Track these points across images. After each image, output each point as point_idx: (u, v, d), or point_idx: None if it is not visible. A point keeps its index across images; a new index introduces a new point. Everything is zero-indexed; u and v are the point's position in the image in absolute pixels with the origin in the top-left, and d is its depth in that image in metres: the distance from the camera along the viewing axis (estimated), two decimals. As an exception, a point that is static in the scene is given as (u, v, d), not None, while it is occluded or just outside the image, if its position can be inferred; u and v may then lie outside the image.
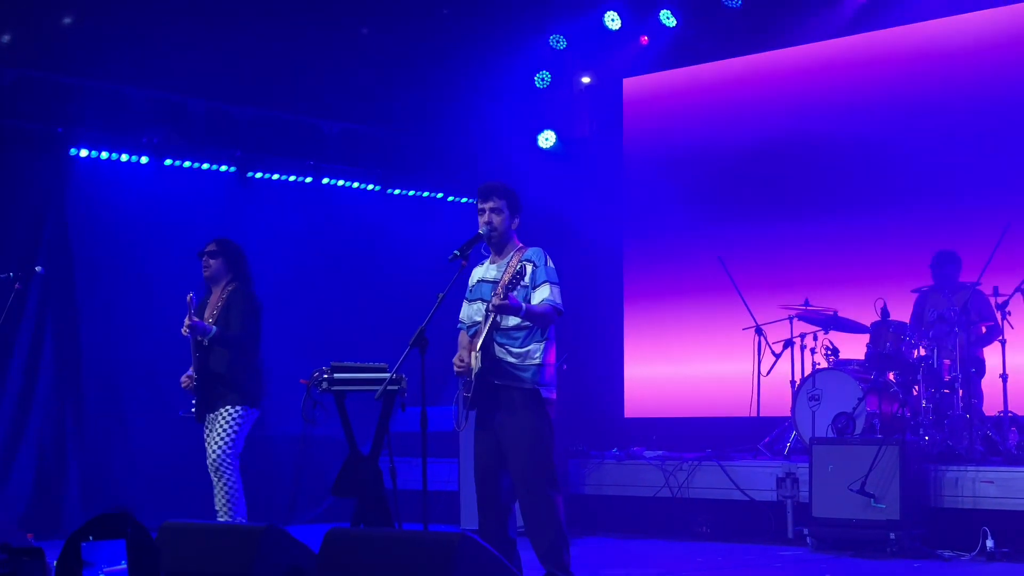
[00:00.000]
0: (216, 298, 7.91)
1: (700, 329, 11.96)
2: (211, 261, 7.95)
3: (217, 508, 7.70)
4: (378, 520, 6.70)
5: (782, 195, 11.75)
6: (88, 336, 10.31)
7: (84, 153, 10.29)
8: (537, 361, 6.34)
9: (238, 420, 7.68)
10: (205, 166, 11.04)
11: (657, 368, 12.26)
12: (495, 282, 6.41)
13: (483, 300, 6.41)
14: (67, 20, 10.02)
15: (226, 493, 7.66)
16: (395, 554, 5.12)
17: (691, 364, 11.98)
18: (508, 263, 6.44)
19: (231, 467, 7.66)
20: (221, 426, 7.67)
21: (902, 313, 9.91)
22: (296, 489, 10.76)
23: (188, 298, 7.70)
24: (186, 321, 7.60)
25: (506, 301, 6.16)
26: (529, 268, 6.39)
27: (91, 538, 4.05)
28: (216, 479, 7.68)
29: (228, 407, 7.68)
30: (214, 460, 7.64)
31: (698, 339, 11.97)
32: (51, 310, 10.11)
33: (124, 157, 10.49)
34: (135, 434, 10.40)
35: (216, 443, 7.64)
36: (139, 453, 10.36)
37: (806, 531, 8.85)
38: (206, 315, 7.85)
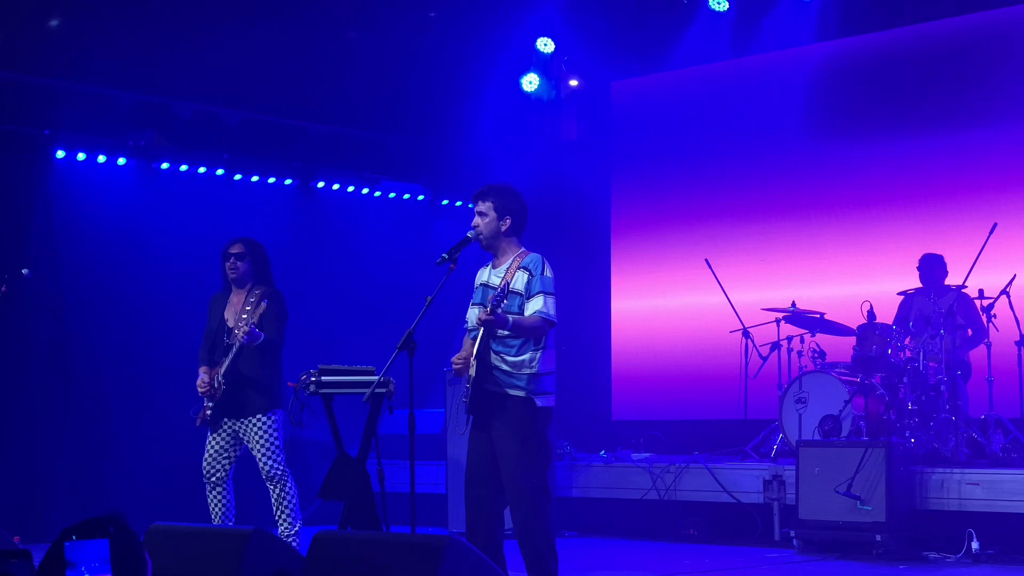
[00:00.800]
0: (241, 300, 7.81)
1: (687, 332, 11.98)
2: (239, 264, 7.86)
3: (277, 516, 7.70)
4: (366, 523, 6.69)
5: (769, 197, 11.77)
6: (75, 339, 10.28)
7: (71, 155, 10.27)
8: (533, 370, 6.32)
9: (275, 426, 7.68)
10: (192, 168, 11.02)
11: (645, 370, 12.27)
12: (494, 288, 6.40)
13: (483, 305, 6.40)
14: (53, 22, 10.00)
15: (284, 500, 7.68)
16: (383, 557, 5.12)
17: (678, 367, 11.99)
18: (507, 269, 6.43)
19: (286, 473, 7.68)
20: (263, 436, 7.64)
21: (888, 316, 9.95)
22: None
23: (257, 303, 7.71)
24: (244, 328, 7.52)
25: (492, 317, 6.15)
26: (524, 277, 6.37)
27: (74, 537, 4.02)
28: (273, 487, 7.68)
29: (261, 416, 7.66)
30: (268, 471, 7.64)
31: (685, 342, 11.99)
32: (38, 313, 10.08)
33: (111, 159, 10.47)
34: (123, 437, 10.38)
35: (265, 454, 7.63)
36: (126, 456, 10.34)
37: (792, 533, 8.87)
38: (228, 315, 7.78)
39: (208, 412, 7.70)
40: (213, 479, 7.74)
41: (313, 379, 6.89)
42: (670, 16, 11.80)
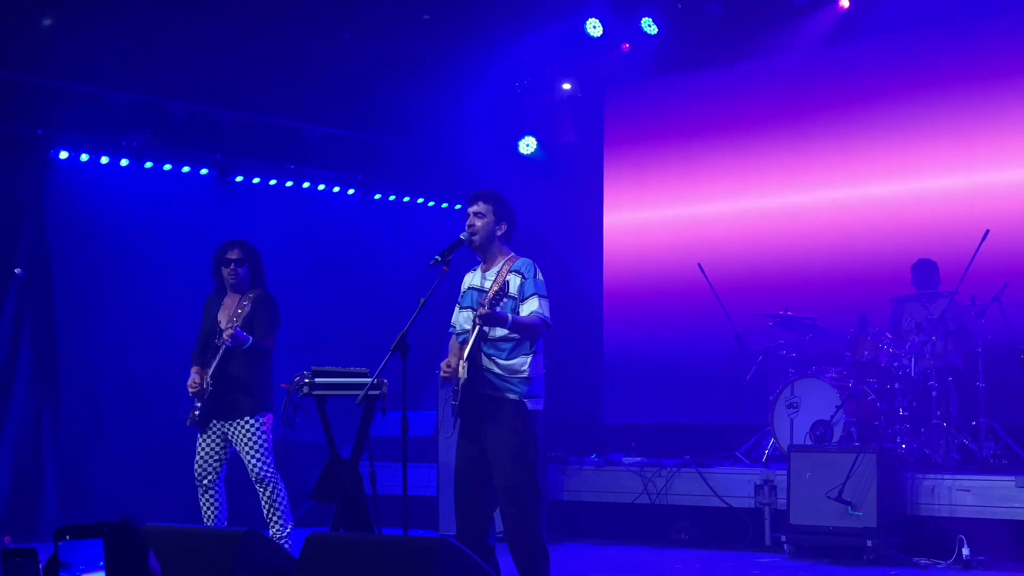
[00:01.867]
0: (235, 302, 7.81)
1: (680, 336, 11.98)
2: (238, 270, 7.85)
3: (268, 518, 7.71)
4: (358, 525, 6.69)
5: (763, 203, 11.78)
6: (65, 339, 10.26)
7: (64, 155, 10.25)
8: (524, 373, 6.34)
9: (263, 428, 7.68)
10: (185, 169, 11.02)
11: (637, 374, 12.27)
12: (483, 291, 6.41)
13: (472, 308, 6.40)
14: (47, 22, 9.98)
15: (275, 502, 7.68)
16: (375, 559, 5.11)
17: (671, 371, 11.99)
18: (498, 272, 6.44)
19: (275, 475, 7.69)
20: (252, 438, 7.63)
21: (881, 322, 9.96)
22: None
23: (244, 306, 7.70)
24: (229, 331, 7.54)
25: (491, 312, 6.16)
26: (517, 280, 6.38)
27: (68, 537, 4.00)
28: (262, 490, 7.69)
29: (249, 418, 7.65)
30: (257, 473, 7.64)
31: (678, 346, 11.99)
32: (29, 312, 10.07)
33: (104, 159, 10.45)
34: (112, 437, 10.37)
35: (254, 457, 7.63)
36: (116, 456, 10.32)
37: (783, 538, 8.88)
38: (221, 317, 7.78)
39: (196, 413, 7.71)
40: (204, 481, 7.74)
41: (307, 381, 6.89)
42: (664, 20, 11.81)
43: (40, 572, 2.91)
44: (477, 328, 6.26)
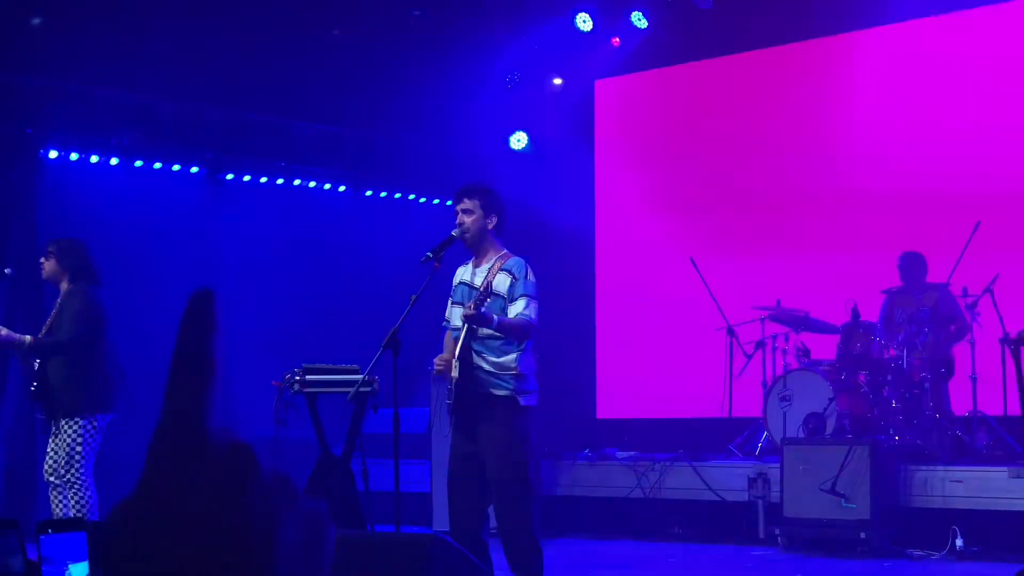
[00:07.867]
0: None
1: (672, 330, 11.98)
2: (44, 262, 7.64)
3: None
4: (350, 522, 6.69)
5: (754, 196, 11.78)
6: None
7: (54, 154, 10.23)
8: (515, 370, 6.32)
9: (80, 431, 7.28)
10: (175, 167, 11.00)
11: (629, 369, 12.27)
12: (474, 287, 6.40)
13: (464, 304, 6.39)
14: (36, 21, 9.96)
15: (81, 507, 7.26)
16: (368, 556, 5.10)
17: (663, 365, 11.99)
18: (489, 269, 6.42)
19: (85, 481, 7.27)
20: (64, 441, 7.28)
21: (873, 314, 9.97)
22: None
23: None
24: (3, 330, 7.27)
25: (476, 312, 6.14)
26: (507, 280, 6.36)
27: (50, 531, 3.98)
28: (70, 493, 7.28)
29: (67, 419, 7.29)
30: (64, 475, 7.25)
31: (670, 340, 11.99)
32: (19, 311, 10.04)
33: (94, 158, 10.43)
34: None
35: (65, 459, 7.26)
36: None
37: (777, 531, 8.88)
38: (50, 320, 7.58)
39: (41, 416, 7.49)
40: (50, 480, 7.40)
41: (298, 378, 6.89)
42: (654, 13, 11.81)
43: (23, 543, 2.87)
44: (466, 327, 6.25)
